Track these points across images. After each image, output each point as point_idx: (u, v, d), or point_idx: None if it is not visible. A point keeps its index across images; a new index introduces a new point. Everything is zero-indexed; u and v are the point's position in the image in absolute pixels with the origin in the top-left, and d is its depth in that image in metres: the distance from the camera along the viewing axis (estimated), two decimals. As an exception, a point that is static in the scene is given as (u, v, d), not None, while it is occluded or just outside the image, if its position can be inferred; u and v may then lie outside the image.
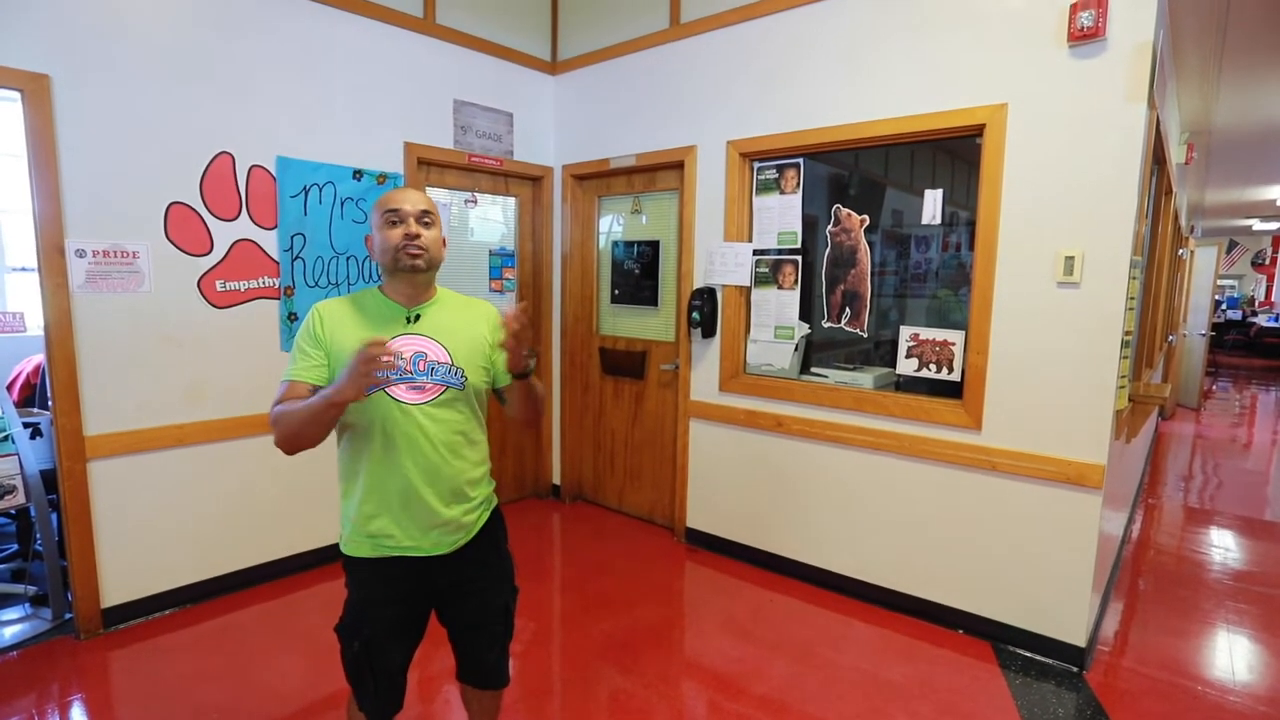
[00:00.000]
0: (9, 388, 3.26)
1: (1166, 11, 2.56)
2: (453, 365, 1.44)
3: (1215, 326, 10.03)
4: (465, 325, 1.50)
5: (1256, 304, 16.05)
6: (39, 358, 3.23)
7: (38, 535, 2.69)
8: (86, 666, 2.37)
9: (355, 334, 1.39)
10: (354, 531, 1.44)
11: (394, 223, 1.42)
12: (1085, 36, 2.24)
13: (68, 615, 2.60)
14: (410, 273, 1.44)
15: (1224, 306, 15.26)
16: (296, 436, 1.33)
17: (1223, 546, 3.75)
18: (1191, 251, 7.82)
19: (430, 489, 1.42)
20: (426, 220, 1.45)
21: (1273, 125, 4.86)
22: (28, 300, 4.15)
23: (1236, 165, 6.46)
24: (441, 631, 1.59)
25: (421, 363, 1.41)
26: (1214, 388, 9.83)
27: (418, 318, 1.46)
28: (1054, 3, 2.31)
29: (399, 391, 1.38)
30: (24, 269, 4.31)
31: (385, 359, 1.21)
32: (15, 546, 3.05)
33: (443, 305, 1.51)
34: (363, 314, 1.44)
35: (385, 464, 1.40)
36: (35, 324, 3.79)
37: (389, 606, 1.45)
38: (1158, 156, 3.08)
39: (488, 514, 1.56)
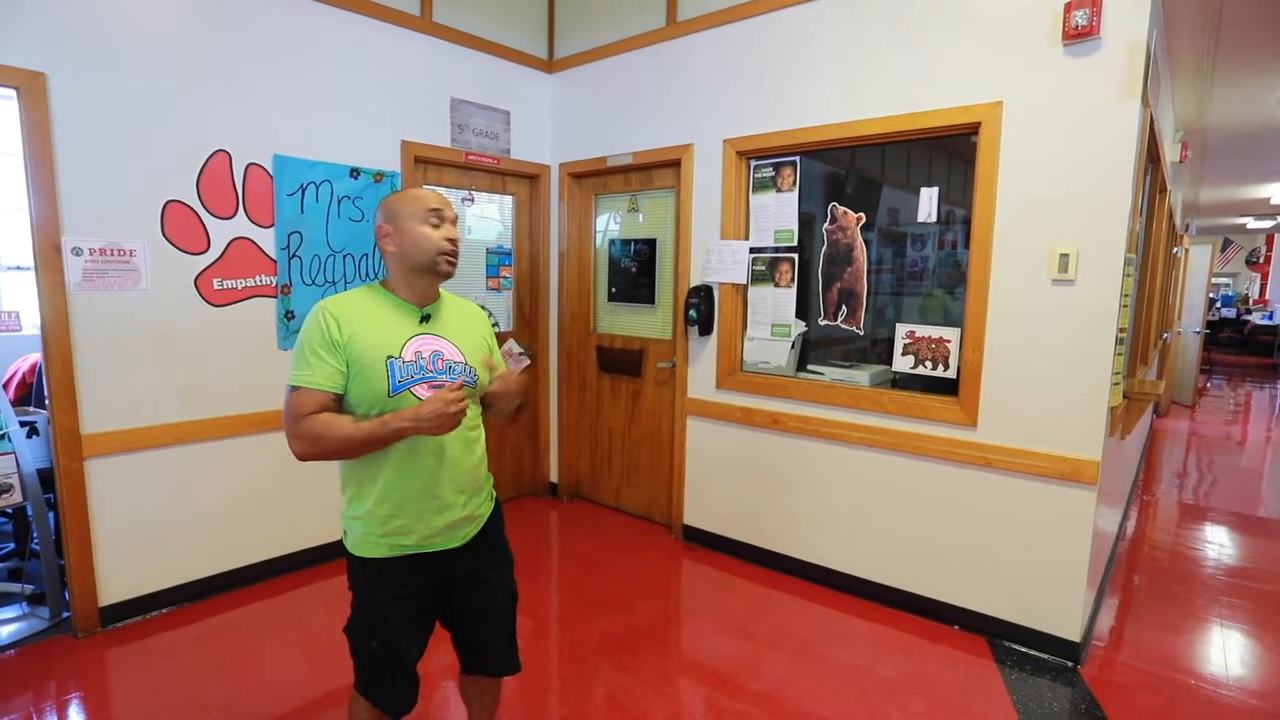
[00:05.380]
0: (5, 386, 3.25)
1: (1160, 10, 2.57)
2: (466, 364, 1.48)
3: (1210, 324, 10.09)
4: (468, 325, 1.55)
5: (1251, 302, 16.10)
6: (35, 356, 3.23)
7: (35, 534, 2.69)
8: (84, 665, 2.37)
9: (375, 335, 1.38)
10: (367, 532, 1.43)
11: (435, 224, 1.43)
12: (1080, 35, 2.25)
13: (65, 614, 2.60)
14: (440, 276, 1.46)
15: (1218, 304, 15.33)
16: (338, 454, 1.34)
17: (1217, 542, 3.77)
18: (1186, 249, 7.85)
19: (451, 484, 1.45)
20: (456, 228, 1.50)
21: (1267, 124, 4.88)
22: (23, 299, 4.14)
23: (1231, 164, 6.48)
24: (440, 631, 1.60)
25: (440, 361, 1.43)
26: (1208, 385, 9.87)
27: (428, 318, 1.48)
28: (1049, 1, 2.32)
29: (422, 391, 1.39)
30: (20, 267, 4.29)
31: (456, 408, 1.31)
32: (12, 545, 3.05)
33: (446, 305, 1.54)
34: (377, 313, 1.42)
35: (409, 463, 1.40)
36: (31, 323, 3.78)
37: (405, 604, 1.46)
38: (1152, 155, 3.10)
39: (492, 503, 1.61)
